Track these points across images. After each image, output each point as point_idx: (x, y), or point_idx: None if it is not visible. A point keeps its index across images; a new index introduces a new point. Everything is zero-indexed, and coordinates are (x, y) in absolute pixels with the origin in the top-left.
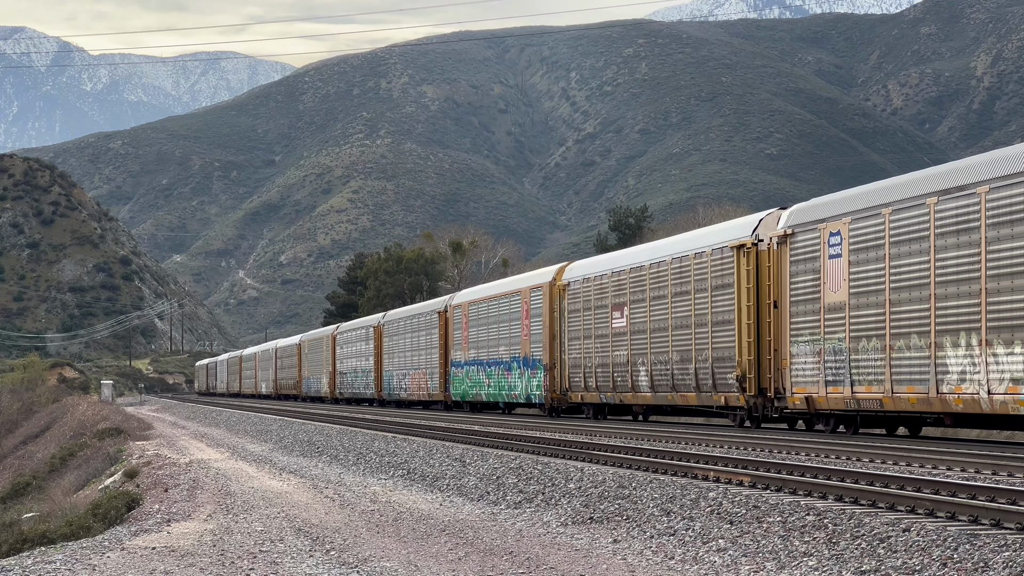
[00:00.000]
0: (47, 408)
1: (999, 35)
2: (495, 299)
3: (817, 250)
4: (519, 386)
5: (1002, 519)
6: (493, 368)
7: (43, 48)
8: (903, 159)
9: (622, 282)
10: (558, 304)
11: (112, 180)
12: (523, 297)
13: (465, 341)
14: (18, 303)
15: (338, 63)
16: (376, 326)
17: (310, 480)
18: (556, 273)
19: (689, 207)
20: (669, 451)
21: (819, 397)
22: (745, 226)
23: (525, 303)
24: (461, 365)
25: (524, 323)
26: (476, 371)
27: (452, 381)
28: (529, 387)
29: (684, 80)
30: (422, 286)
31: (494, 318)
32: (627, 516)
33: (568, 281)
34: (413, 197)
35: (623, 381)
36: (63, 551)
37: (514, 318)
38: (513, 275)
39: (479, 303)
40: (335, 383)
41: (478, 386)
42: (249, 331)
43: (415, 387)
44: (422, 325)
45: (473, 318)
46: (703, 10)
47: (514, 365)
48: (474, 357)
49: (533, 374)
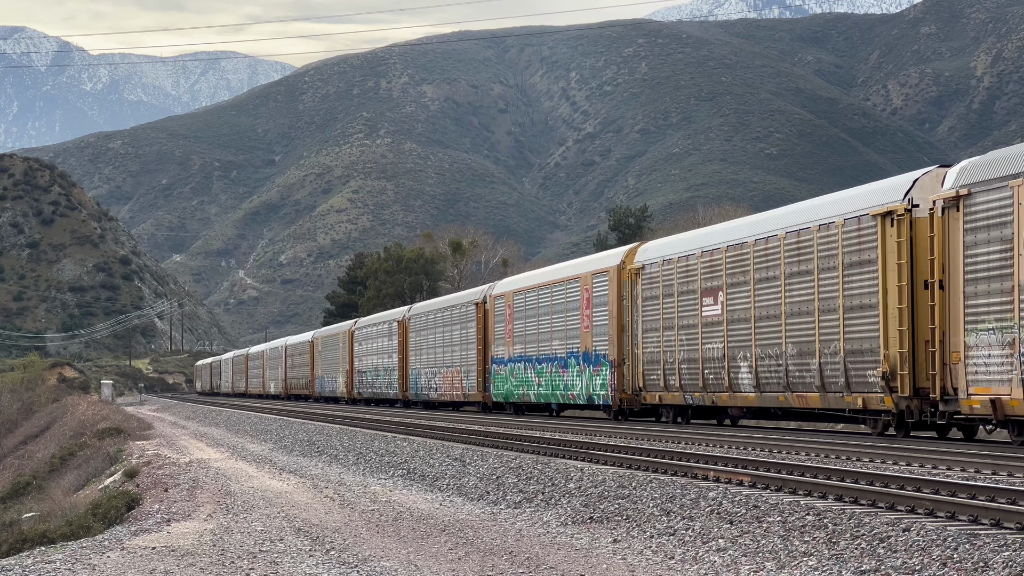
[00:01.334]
0: (47, 408)
1: (999, 35)
2: (547, 287)
3: (1008, 213)
4: (577, 385)
5: (1002, 519)
6: (545, 365)
7: (43, 48)
8: (903, 159)
9: (716, 263)
10: (629, 291)
11: (112, 180)
12: (583, 284)
13: (509, 335)
14: (18, 303)
15: (338, 63)
16: (401, 320)
17: (310, 480)
18: (626, 255)
19: (689, 207)
20: (669, 451)
21: (1011, 400)
22: (892, 190)
23: (585, 290)
24: (504, 362)
25: (584, 313)
26: (523, 369)
27: (493, 380)
28: (591, 386)
29: (684, 80)
30: (422, 286)
31: (545, 309)
32: (627, 516)
33: (642, 264)
34: (413, 197)
35: (716, 379)
36: (63, 551)
37: (571, 308)
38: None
39: (526, 292)
40: (352, 382)
41: (525, 385)
42: (249, 331)
43: (447, 387)
44: (456, 318)
45: (519, 309)
46: (703, 10)
47: (571, 361)
48: (520, 353)
49: (596, 371)
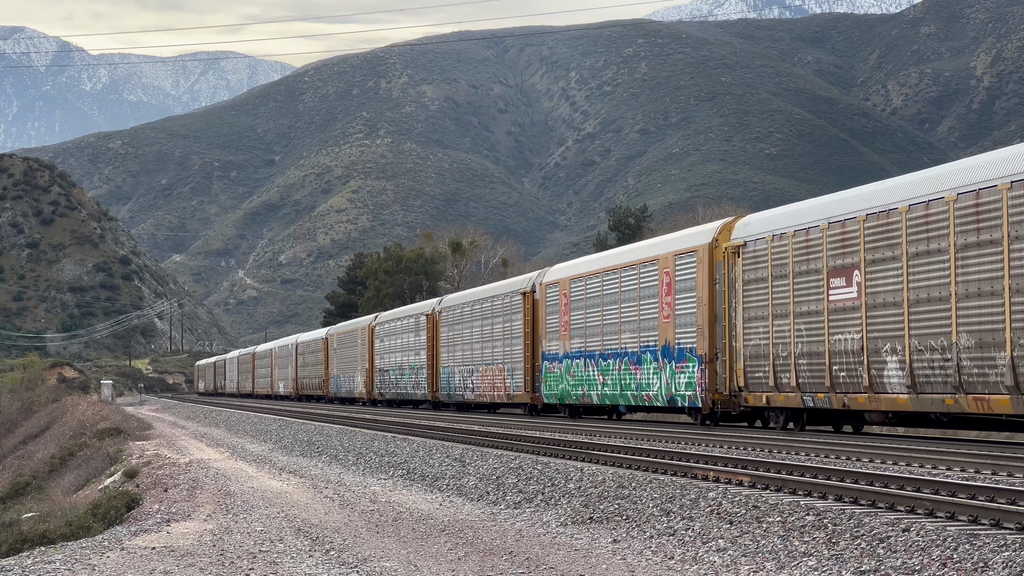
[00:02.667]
0: (47, 408)
1: (999, 35)
2: (613, 272)
3: None
4: (655, 384)
5: (1002, 519)
6: (611, 362)
7: (43, 48)
8: (903, 159)
9: (850, 236)
10: (724, 273)
11: (112, 180)
12: (662, 266)
13: (565, 328)
14: (18, 303)
15: (338, 63)
16: (429, 314)
17: (310, 480)
18: (719, 232)
19: (689, 207)
20: (669, 451)
21: None
22: None
23: (666, 274)
24: (558, 358)
25: (663, 301)
26: (582, 366)
27: (544, 379)
28: (673, 385)
29: (684, 80)
30: (422, 286)
31: (612, 297)
32: (627, 516)
33: (743, 240)
34: (413, 197)
35: (851, 377)
36: (63, 551)
37: (647, 295)
38: (516, 275)
39: (587, 278)
40: (373, 382)
41: (585, 384)
42: (249, 331)
43: (486, 386)
44: (497, 310)
45: (577, 298)
46: (703, 10)
47: (647, 357)
48: (579, 348)
49: (680, 368)
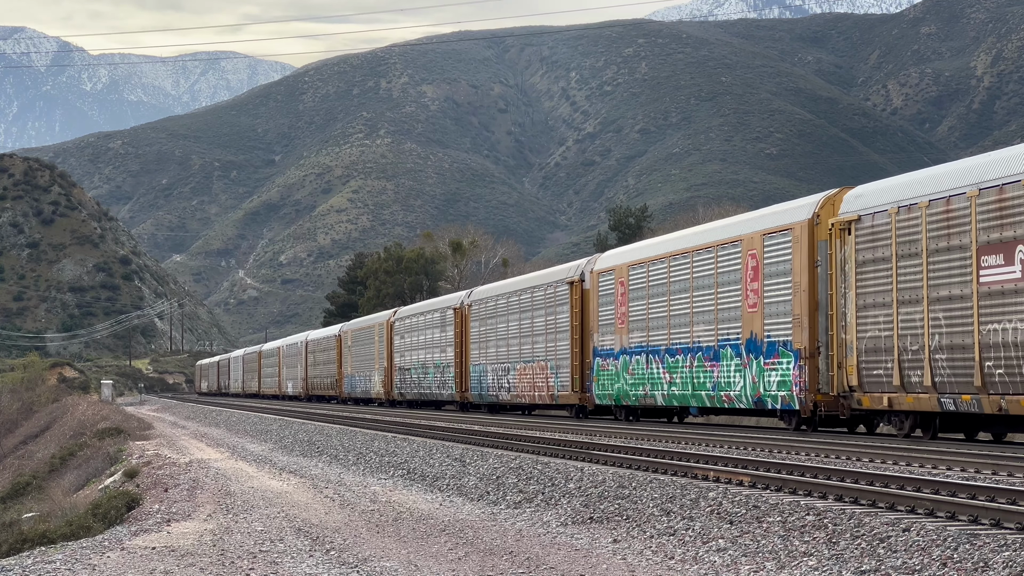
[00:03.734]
0: (47, 408)
1: (999, 35)
2: (682, 256)
3: None
4: (737, 383)
5: (1002, 519)
6: (681, 358)
7: (43, 48)
8: (903, 159)
9: (1011, 204)
10: (832, 253)
11: (112, 180)
12: (746, 248)
13: (622, 320)
14: (18, 303)
15: (338, 63)
16: (457, 307)
17: (310, 480)
18: (820, 206)
19: (689, 207)
20: (669, 451)
21: None
22: None
23: (751, 257)
24: (613, 354)
25: (748, 288)
26: (644, 362)
27: (596, 377)
28: (762, 384)
29: (684, 80)
30: (422, 286)
31: (682, 284)
32: (627, 516)
33: (856, 214)
34: (413, 197)
35: (1011, 375)
36: (63, 551)
37: (726, 281)
38: (516, 275)
39: (650, 264)
40: (392, 382)
41: (647, 383)
42: (249, 331)
43: (525, 386)
44: (539, 302)
45: (637, 287)
46: (703, 10)
47: (726, 352)
48: (641, 342)
49: (770, 364)
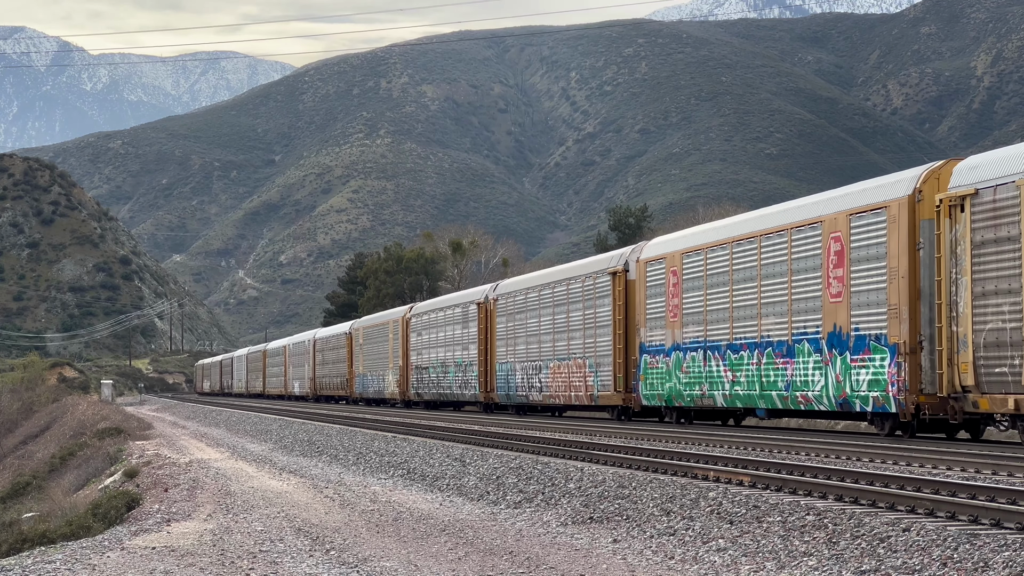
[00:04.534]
0: (47, 408)
1: (999, 35)
2: (750, 241)
3: None
4: (816, 382)
5: (1002, 519)
6: (746, 354)
7: (43, 48)
8: (903, 159)
9: None
10: (940, 233)
11: (112, 180)
12: (829, 230)
13: (674, 313)
14: (18, 303)
15: (338, 63)
16: (481, 302)
17: (310, 480)
18: (923, 179)
19: (689, 207)
20: (669, 451)
21: None
22: None
23: (834, 240)
24: (663, 351)
25: (830, 275)
26: (700, 359)
27: (643, 376)
28: (848, 384)
29: (684, 80)
30: (422, 286)
31: (747, 272)
32: (627, 516)
33: (975, 188)
34: (413, 197)
35: None
36: (63, 551)
37: (804, 268)
38: (516, 275)
39: (708, 251)
40: (408, 381)
41: (705, 382)
42: (249, 331)
43: (560, 385)
44: (576, 294)
45: (693, 276)
46: (703, 10)
47: (802, 347)
48: (697, 337)
49: (860, 361)
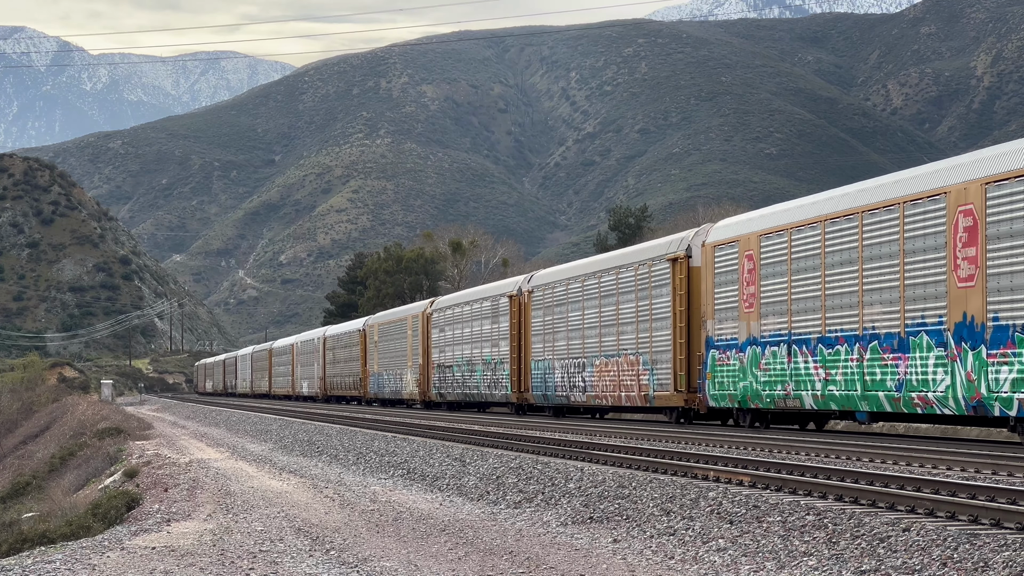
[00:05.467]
0: (47, 408)
1: (999, 35)
2: (848, 218)
3: None
4: (940, 381)
5: (1002, 519)
6: (843, 348)
7: (43, 48)
8: (903, 159)
9: None
10: None
11: (112, 180)
12: (955, 202)
13: (750, 302)
14: (18, 303)
15: (338, 63)
16: (513, 295)
17: (310, 480)
18: None
19: (689, 207)
20: (669, 451)
21: None
22: None
23: (963, 213)
24: (736, 345)
25: (957, 255)
26: (783, 354)
27: (711, 373)
28: (984, 383)
29: (684, 80)
30: (422, 286)
31: (844, 253)
32: (627, 516)
33: None
34: (413, 197)
35: None
36: (63, 551)
37: (922, 248)
38: (516, 275)
39: (793, 232)
40: (428, 381)
41: (790, 381)
42: (249, 331)
43: (607, 385)
44: (628, 285)
45: (775, 260)
46: (703, 10)
47: (919, 341)
48: (780, 330)
49: (1000, 357)
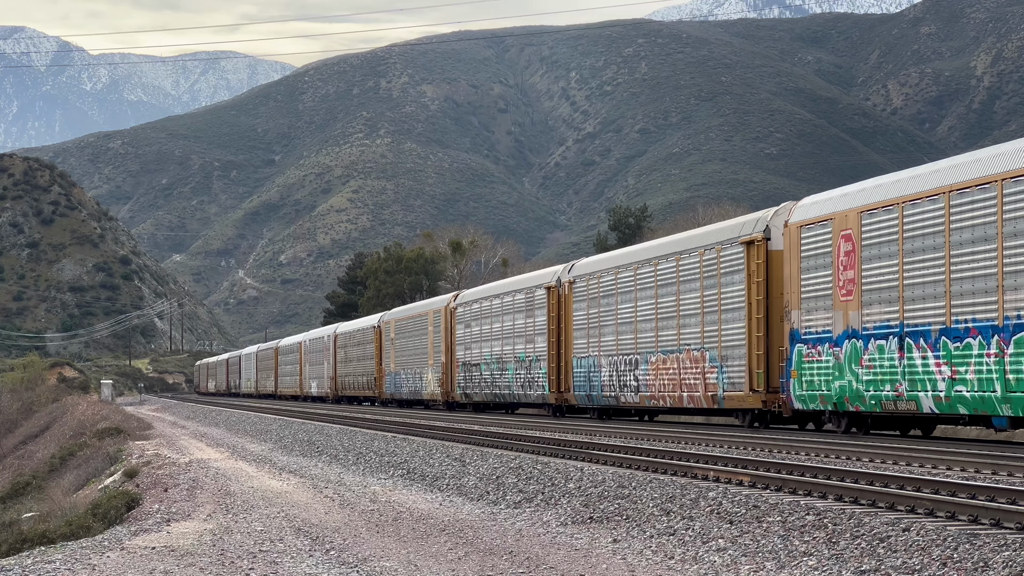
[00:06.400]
0: (47, 408)
1: (999, 35)
2: (981, 187)
3: None
4: None
5: (1002, 519)
6: (975, 341)
7: (43, 48)
8: (903, 159)
9: None
10: None
11: (112, 180)
12: None
13: (847, 289)
14: (18, 303)
15: (338, 63)
16: (552, 286)
17: (310, 480)
18: None
19: (689, 207)
20: (669, 451)
21: None
22: None
23: None
24: (829, 339)
25: None
26: (890, 349)
27: (798, 371)
28: None
29: (684, 80)
30: (422, 286)
31: (976, 231)
32: (627, 516)
33: None
34: (413, 197)
35: None
36: (63, 551)
37: None
38: (515, 275)
39: (904, 205)
40: (452, 380)
41: (903, 379)
42: (249, 331)
43: (665, 383)
44: (689, 272)
45: (878, 239)
46: (703, 10)
47: None
48: (884, 321)
49: None
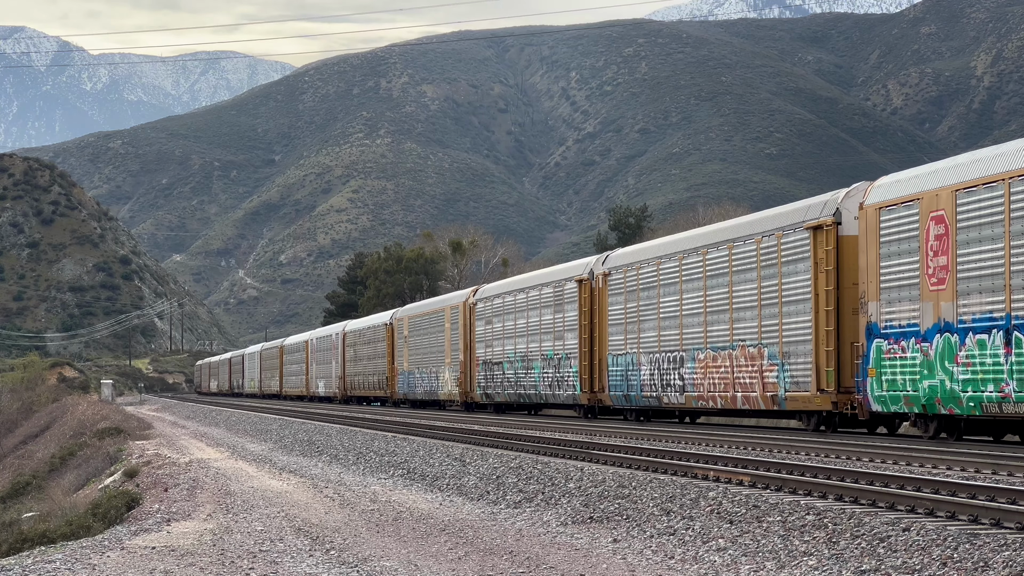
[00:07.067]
0: (47, 407)
1: (999, 35)
2: None
3: None
4: None
5: (1002, 519)
6: None
7: (43, 48)
8: (903, 159)
9: None
10: None
11: (112, 180)
12: None
13: (938, 277)
14: (18, 303)
15: (338, 63)
16: (584, 279)
17: (310, 480)
18: None
19: (689, 207)
20: (669, 451)
21: None
22: None
23: None
24: (915, 333)
25: None
26: (994, 344)
27: (874, 369)
28: None
29: (684, 80)
30: (422, 286)
31: None
32: (627, 516)
33: None
34: (413, 197)
35: None
36: (63, 551)
37: None
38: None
39: (1012, 181)
40: (471, 379)
41: (1013, 379)
42: (249, 331)
43: (716, 382)
44: (743, 261)
45: (977, 220)
46: (703, 10)
47: None
48: (986, 312)
49: None
